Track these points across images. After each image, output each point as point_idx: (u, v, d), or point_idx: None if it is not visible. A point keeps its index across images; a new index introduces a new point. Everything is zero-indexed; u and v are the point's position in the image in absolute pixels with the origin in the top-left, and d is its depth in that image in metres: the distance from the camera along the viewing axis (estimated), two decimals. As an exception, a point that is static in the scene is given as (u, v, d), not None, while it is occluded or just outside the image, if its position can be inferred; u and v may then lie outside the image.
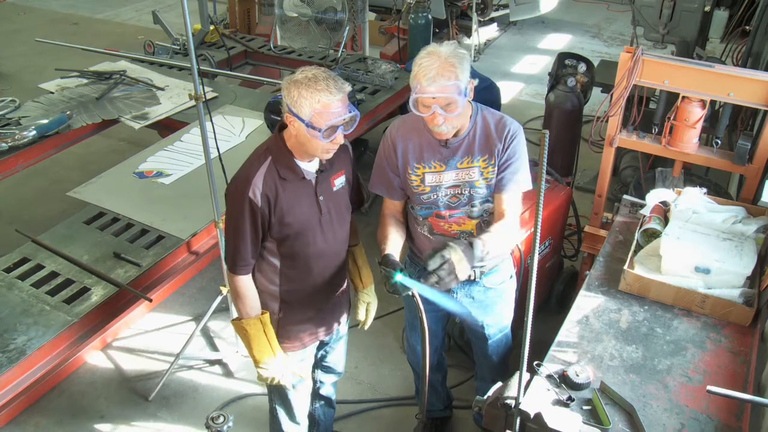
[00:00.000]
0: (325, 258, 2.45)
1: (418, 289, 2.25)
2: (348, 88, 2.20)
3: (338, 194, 2.43)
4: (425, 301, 2.62)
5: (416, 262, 2.75)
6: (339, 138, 2.21)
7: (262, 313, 2.42)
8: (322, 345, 2.76)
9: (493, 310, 2.76)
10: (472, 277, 2.66)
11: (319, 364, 2.83)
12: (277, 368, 2.45)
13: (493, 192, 2.48)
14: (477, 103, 2.45)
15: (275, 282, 2.44)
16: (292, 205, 2.29)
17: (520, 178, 2.45)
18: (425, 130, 2.44)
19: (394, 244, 2.49)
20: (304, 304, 2.50)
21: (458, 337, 3.69)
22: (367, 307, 2.67)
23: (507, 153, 2.42)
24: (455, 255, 2.17)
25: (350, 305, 2.74)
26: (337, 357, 2.85)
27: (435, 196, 2.50)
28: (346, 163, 2.45)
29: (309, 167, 2.32)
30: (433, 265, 2.15)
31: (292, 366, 2.54)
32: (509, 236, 2.47)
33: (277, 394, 2.70)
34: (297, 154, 2.29)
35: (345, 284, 2.65)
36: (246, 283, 2.38)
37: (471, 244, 2.24)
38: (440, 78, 2.21)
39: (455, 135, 2.41)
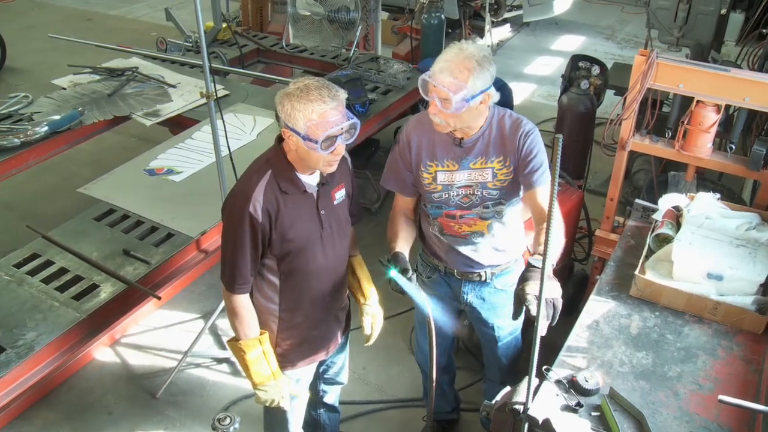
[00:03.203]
0: (326, 274, 2.39)
1: (409, 290, 2.24)
2: (344, 95, 2.12)
3: (339, 208, 2.37)
4: (435, 302, 2.63)
5: (427, 262, 2.74)
6: (339, 148, 2.14)
7: (261, 333, 2.35)
8: (323, 360, 2.68)
9: (504, 312, 2.74)
10: (483, 278, 2.65)
11: (321, 377, 2.77)
12: (276, 390, 2.38)
13: (524, 191, 2.44)
14: (496, 106, 2.43)
15: (275, 301, 2.37)
16: (293, 221, 2.22)
17: (547, 173, 2.40)
18: None
19: (404, 242, 2.48)
20: (304, 323, 2.43)
21: (467, 340, 3.67)
22: (372, 321, 2.56)
23: (524, 150, 2.38)
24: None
25: (350, 316, 2.69)
26: (338, 369, 2.81)
27: (446, 195, 2.48)
28: (345, 175, 2.40)
29: (310, 180, 2.26)
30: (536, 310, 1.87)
31: (291, 387, 2.46)
32: (559, 230, 2.35)
33: (273, 409, 2.62)
34: (298, 168, 2.22)
35: (345, 300, 2.60)
36: (244, 302, 2.30)
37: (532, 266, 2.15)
38: (448, 73, 2.20)
39: (468, 134, 2.39)
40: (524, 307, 2.06)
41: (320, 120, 2.06)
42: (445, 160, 2.45)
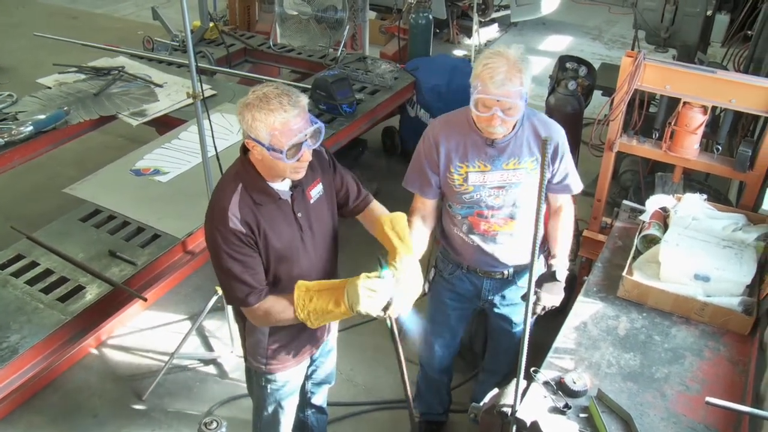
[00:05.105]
0: (311, 276, 2.31)
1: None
2: (305, 100, 2.06)
3: (317, 206, 2.30)
4: (455, 299, 2.78)
5: (449, 259, 2.74)
6: (306, 155, 2.08)
7: (293, 301, 2.14)
8: (312, 360, 2.67)
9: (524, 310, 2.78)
10: (506, 276, 2.69)
11: (309, 377, 2.76)
12: (359, 291, 2.07)
13: (548, 191, 2.60)
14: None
15: None
16: (273, 230, 2.17)
17: (572, 182, 2.62)
18: (470, 129, 2.43)
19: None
20: (294, 325, 2.32)
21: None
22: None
23: (561, 167, 2.53)
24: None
25: None
26: (326, 369, 2.80)
27: (478, 196, 2.49)
28: (322, 169, 2.33)
29: (282, 186, 2.20)
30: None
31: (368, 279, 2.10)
32: (569, 229, 2.68)
33: (263, 412, 2.63)
34: (267, 177, 2.15)
35: None
36: (265, 305, 2.18)
37: (554, 276, 2.53)
38: (508, 83, 2.21)
39: (504, 133, 2.41)
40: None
41: (283, 129, 2.00)
42: (476, 160, 2.45)
